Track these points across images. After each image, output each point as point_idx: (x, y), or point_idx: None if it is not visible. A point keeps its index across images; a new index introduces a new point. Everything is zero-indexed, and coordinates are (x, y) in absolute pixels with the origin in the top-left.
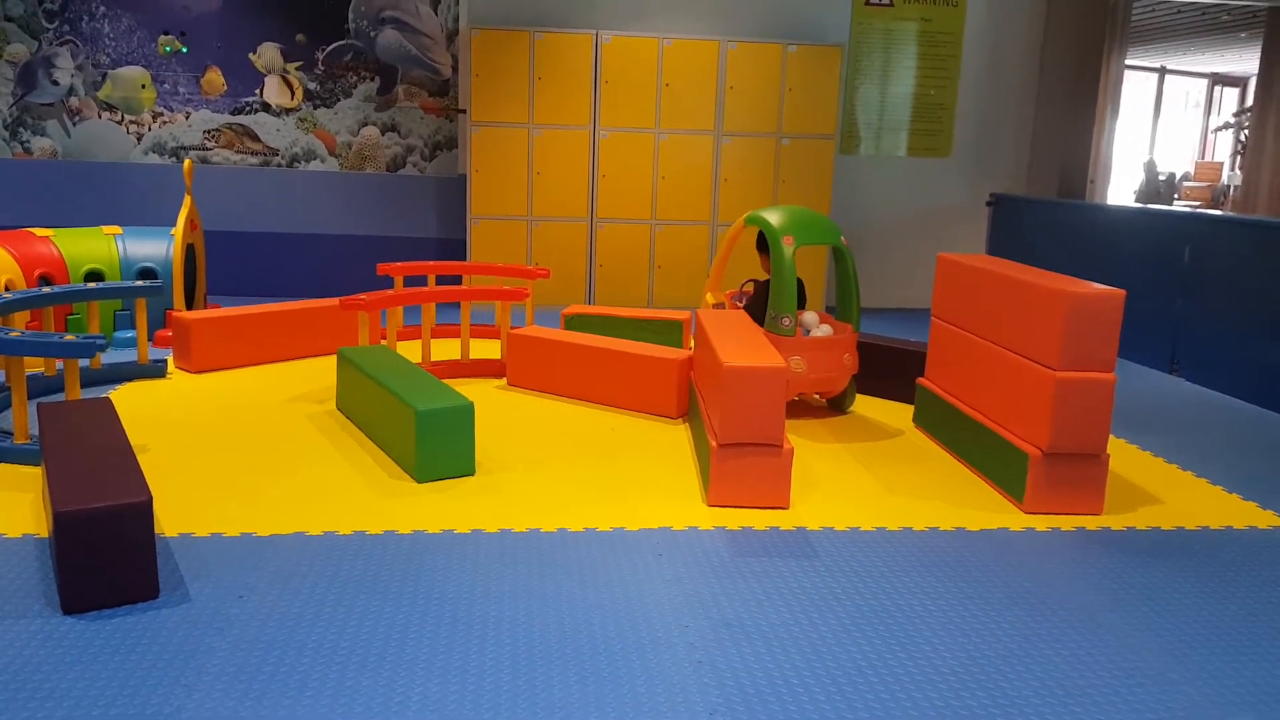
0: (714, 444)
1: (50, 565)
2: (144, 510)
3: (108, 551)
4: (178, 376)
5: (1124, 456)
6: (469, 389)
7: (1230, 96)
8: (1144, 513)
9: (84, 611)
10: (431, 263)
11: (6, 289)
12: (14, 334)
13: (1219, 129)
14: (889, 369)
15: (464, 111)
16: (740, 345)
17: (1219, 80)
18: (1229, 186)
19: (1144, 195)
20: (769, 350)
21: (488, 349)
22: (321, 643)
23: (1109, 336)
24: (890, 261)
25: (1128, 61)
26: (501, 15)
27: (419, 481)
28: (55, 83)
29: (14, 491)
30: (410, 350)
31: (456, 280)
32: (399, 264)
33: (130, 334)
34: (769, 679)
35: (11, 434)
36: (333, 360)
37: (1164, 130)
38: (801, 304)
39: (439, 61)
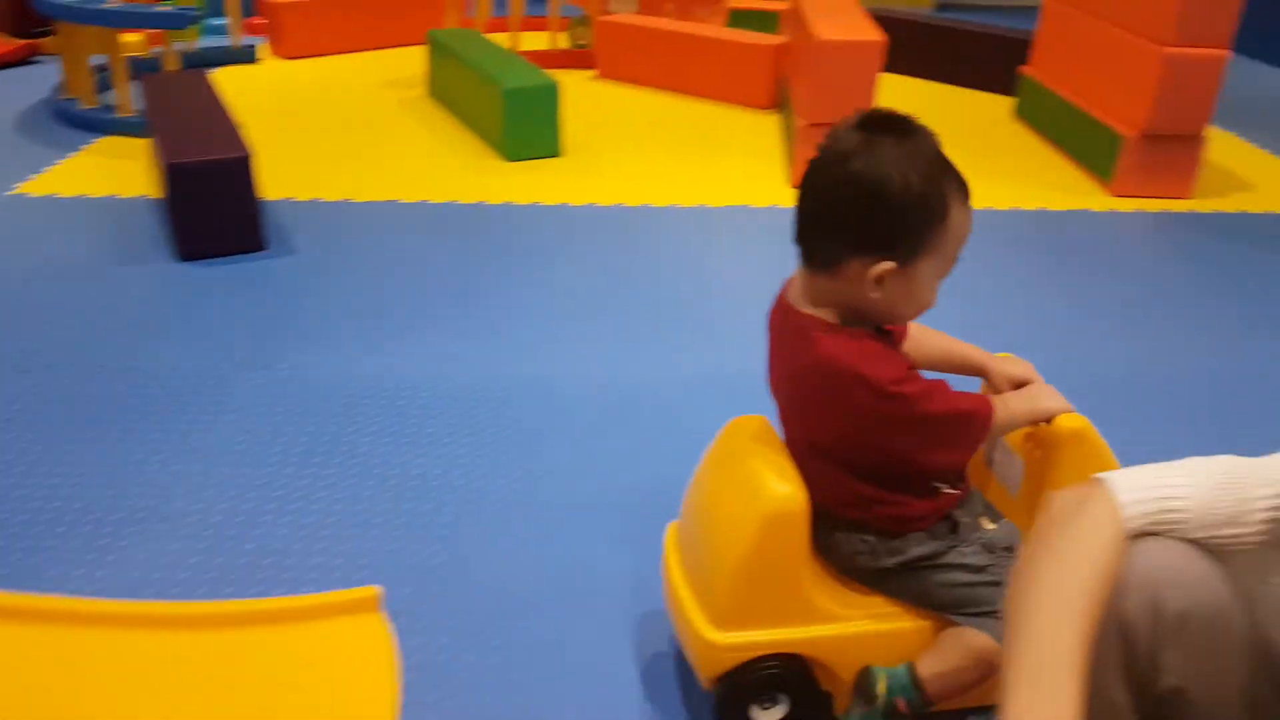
0: (801, 123)
1: (165, 220)
2: (245, 165)
3: (215, 203)
4: (270, 62)
5: (1225, 146)
6: (558, 79)
7: None
8: (1235, 198)
9: (199, 258)
10: None
11: None
12: (109, 4)
13: None
14: (987, 57)
15: None
16: (836, 20)
17: None
18: None
19: None
20: (866, 25)
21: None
22: (419, 290)
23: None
24: None
25: None
26: None
27: (508, 160)
28: None
29: (124, 160)
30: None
31: None
32: None
33: (220, 21)
34: None
35: (115, 108)
36: (423, 50)
37: None
38: None
39: None
